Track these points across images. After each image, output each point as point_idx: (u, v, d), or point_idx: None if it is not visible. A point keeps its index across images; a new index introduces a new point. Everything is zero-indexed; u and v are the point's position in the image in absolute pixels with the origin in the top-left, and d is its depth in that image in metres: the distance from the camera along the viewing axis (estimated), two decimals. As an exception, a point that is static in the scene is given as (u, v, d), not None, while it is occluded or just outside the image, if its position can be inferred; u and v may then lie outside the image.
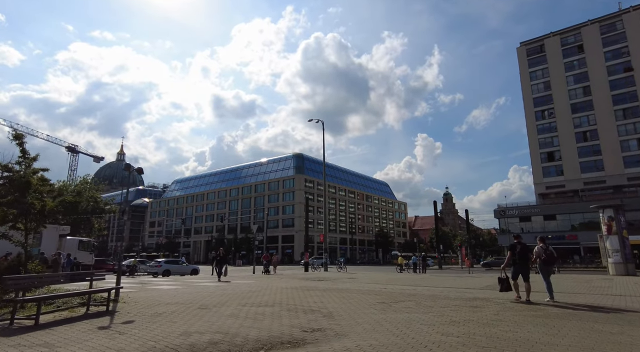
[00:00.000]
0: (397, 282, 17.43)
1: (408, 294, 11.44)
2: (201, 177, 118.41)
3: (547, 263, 9.06)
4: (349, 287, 13.70)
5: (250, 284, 15.30)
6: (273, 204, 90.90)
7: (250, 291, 12.11)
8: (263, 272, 24.20)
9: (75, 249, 23.28)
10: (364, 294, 11.32)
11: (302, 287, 13.32)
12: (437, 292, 12.11)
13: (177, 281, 19.07)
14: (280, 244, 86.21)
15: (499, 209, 65.69)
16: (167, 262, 29.55)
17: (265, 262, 24.92)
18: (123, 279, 20.61)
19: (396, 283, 16.62)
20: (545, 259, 8.99)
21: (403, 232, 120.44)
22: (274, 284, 14.90)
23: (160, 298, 10.24)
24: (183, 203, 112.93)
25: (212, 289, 12.79)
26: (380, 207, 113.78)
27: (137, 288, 13.90)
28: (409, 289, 13.13)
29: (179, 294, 11.30)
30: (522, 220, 61.95)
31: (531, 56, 69.27)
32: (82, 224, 47.63)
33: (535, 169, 66.51)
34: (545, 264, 9.09)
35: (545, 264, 9.09)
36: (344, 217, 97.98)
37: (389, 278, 20.72)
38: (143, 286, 15.19)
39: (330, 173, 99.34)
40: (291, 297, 10.39)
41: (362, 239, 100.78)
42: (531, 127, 67.29)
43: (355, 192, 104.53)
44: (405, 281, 18.47)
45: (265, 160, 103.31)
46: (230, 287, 13.53)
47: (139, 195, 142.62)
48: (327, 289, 12.70)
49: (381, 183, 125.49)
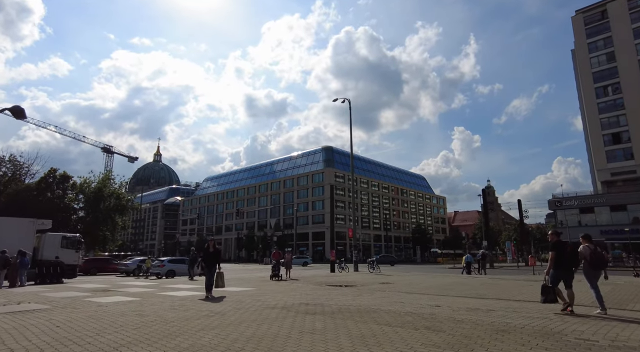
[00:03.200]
0: (451, 290, 12.34)
1: (492, 328, 6.33)
2: (231, 174, 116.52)
3: (595, 266, 7.48)
4: (379, 305, 8.81)
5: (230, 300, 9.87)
6: (302, 199, 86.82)
7: (211, 314, 7.52)
8: (272, 277, 17.10)
9: (57, 247, 19.84)
10: (406, 327, 6.29)
11: (305, 308, 8.23)
12: (547, 323, 6.79)
13: (151, 287, 14.90)
14: (311, 242, 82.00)
15: (554, 200, 57.90)
16: (171, 261, 25.77)
17: (274, 263, 17.25)
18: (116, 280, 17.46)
19: (451, 293, 11.56)
20: (593, 262, 7.41)
21: (442, 228, 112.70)
22: (264, 299, 9.76)
23: None
24: (214, 200, 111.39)
25: (128, 317, 7.01)
26: (417, 201, 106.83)
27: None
28: (483, 312, 8.00)
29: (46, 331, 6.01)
30: (582, 212, 53.99)
31: (590, 25, 60.48)
32: (104, 221, 45.95)
33: (597, 153, 57.99)
34: (593, 268, 7.48)
35: (593, 268, 7.48)
36: (377, 213, 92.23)
37: (438, 284, 15.55)
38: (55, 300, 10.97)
39: (362, 166, 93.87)
40: (268, 335, 5.64)
41: (397, 236, 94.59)
42: (590, 107, 58.75)
43: (389, 186, 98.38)
44: (464, 288, 13.28)
45: (296, 154, 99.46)
46: (182, 309, 8.21)
47: (172, 193, 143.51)
48: (343, 310, 7.87)
49: (417, 176, 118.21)
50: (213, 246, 11.06)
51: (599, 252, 7.51)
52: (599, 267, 7.52)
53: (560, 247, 7.55)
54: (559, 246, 7.58)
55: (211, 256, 10.85)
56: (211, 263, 10.70)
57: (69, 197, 44.26)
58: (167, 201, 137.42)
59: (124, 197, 46.72)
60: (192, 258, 20.06)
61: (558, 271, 7.51)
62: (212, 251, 10.90)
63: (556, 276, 7.57)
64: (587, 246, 7.51)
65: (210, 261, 10.75)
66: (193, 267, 19.56)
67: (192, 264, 19.67)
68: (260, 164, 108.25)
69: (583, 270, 7.61)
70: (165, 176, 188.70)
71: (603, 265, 7.60)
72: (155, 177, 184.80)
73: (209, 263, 10.74)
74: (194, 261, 19.67)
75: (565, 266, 7.46)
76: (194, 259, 19.79)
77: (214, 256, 10.86)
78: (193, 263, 19.64)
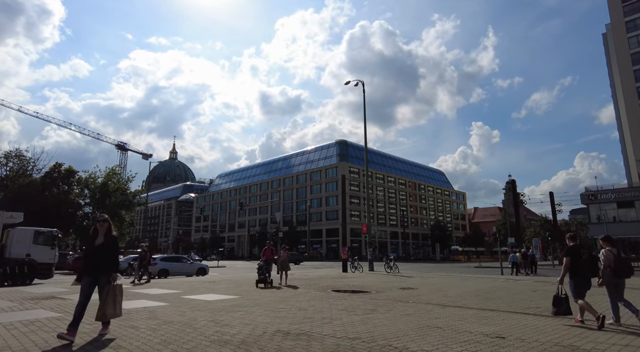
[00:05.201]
0: (498, 300, 9.06)
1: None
2: (244, 170, 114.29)
3: (620, 274, 6.20)
4: (405, 333, 5.64)
5: (172, 327, 7.22)
6: (316, 195, 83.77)
7: None
8: (258, 283, 12.30)
9: (29, 243, 17.30)
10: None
11: (278, 345, 5.06)
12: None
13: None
14: (325, 238, 78.95)
15: (587, 193, 53.09)
16: (164, 259, 23.06)
17: (261, 263, 12.31)
18: None
19: (500, 305, 8.31)
20: (617, 269, 6.15)
21: (462, 225, 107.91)
22: (227, 322, 6.16)
23: None
24: (227, 197, 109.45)
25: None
26: (436, 197, 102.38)
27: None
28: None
29: None
30: (620, 206, 49.19)
31: (628, 2, 55.30)
32: (110, 217, 44.20)
33: (636, 142, 52.98)
34: (616, 276, 6.20)
35: (616, 276, 6.20)
36: (394, 209, 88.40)
37: (475, 290, 12.24)
38: None
39: (377, 161, 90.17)
40: None
41: (415, 233, 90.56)
42: (628, 91, 53.74)
43: (406, 181, 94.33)
44: (513, 297, 9.95)
45: (309, 148, 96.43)
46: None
47: (186, 190, 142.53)
48: (344, 350, 4.77)
49: (436, 171, 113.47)
50: (105, 233, 5.27)
51: (624, 257, 6.55)
52: (624, 275, 6.32)
53: (576, 253, 6.56)
54: (576, 251, 6.57)
55: (98, 253, 5.17)
56: (94, 268, 5.17)
57: (75, 193, 42.77)
58: (180, 197, 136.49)
59: (130, 193, 45.08)
60: (142, 257, 16.48)
61: (578, 279, 6.46)
62: (100, 243, 5.22)
63: (578, 285, 6.43)
64: (609, 251, 6.43)
65: (93, 264, 5.16)
66: (141, 268, 16.16)
67: (141, 263, 16.22)
68: (273, 159, 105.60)
69: (603, 278, 6.41)
70: (181, 173, 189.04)
71: (629, 272, 6.34)
72: (171, 174, 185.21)
73: (91, 267, 5.18)
74: (143, 261, 16.28)
75: (582, 274, 6.47)
76: (143, 258, 16.37)
77: (103, 253, 5.17)
78: (142, 263, 16.24)
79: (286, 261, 13.11)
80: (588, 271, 6.46)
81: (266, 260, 12.33)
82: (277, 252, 13.21)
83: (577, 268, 6.45)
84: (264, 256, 12.66)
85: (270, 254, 12.74)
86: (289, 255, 13.93)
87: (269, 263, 12.37)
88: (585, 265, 6.43)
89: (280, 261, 13.20)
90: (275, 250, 13.13)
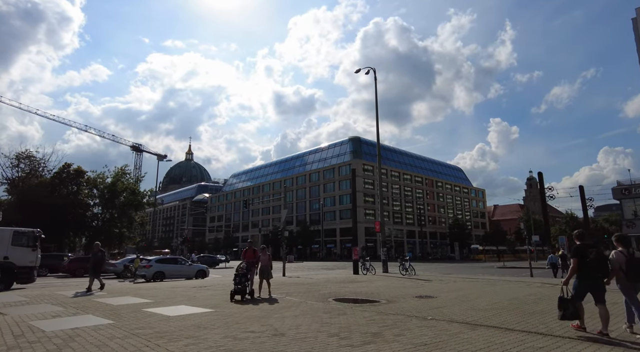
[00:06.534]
0: (543, 315, 6.85)
1: None
2: (257, 169, 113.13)
3: (633, 278, 5.60)
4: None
5: None
6: (329, 193, 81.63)
7: None
8: (234, 294, 9.68)
9: (6, 244, 15.77)
10: None
11: None
12: None
13: (72, 304, 10.30)
14: (339, 238, 76.74)
15: (619, 187, 49.30)
16: (159, 261, 21.39)
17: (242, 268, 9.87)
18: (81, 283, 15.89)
19: (550, 322, 6.13)
20: (629, 272, 5.57)
21: (482, 223, 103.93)
22: None
23: None
24: (240, 196, 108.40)
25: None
26: (454, 194, 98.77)
27: None
28: None
29: None
30: (657, 201, 45.41)
31: (661, -20, 51.26)
32: (120, 217, 43.29)
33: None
34: (630, 279, 5.61)
35: (630, 279, 5.61)
36: (410, 207, 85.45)
37: (509, 299, 9.95)
38: None
39: (392, 157, 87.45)
40: None
41: (433, 232, 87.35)
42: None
43: (423, 178, 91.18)
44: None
45: (323, 146, 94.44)
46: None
47: (200, 190, 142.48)
48: None
49: (454, 168, 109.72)
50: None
51: (637, 259, 5.69)
52: (638, 279, 5.61)
53: (584, 253, 5.89)
54: (584, 251, 5.91)
55: None
56: None
57: (84, 193, 42.04)
58: (195, 198, 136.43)
59: (139, 193, 44.11)
60: (98, 259, 13.39)
61: (582, 282, 5.92)
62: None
63: (580, 287, 5.94)
64: (620, 252, 5.77)
65: None
66: (96, 273, 13.10)
67: (96, 267, 13.19)
68: (286, 158, 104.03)
69: (618, 282, 5.82)
70: (197, 174, 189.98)
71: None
72: (187, 175, 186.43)
73: None
74: (98, 264, 13.28)
75: (590, 276, 5.82)
76: (99, 260, 13.39)
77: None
78: (97, 266, 13.23)
79: (268, 266, 10.46)
80: (597, 271, 5.78)
81: (249, 264, 9.96)
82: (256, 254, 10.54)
83: (582, 270, 5.87)
84: (245, 258, 10.31)
85: (252, 257, 10.35)
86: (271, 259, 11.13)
87: (250, 268, 10.01)
88: (594, 264, 5.76)
89: (261, 266, 10.34)
90: (257, 252, 10.58)
